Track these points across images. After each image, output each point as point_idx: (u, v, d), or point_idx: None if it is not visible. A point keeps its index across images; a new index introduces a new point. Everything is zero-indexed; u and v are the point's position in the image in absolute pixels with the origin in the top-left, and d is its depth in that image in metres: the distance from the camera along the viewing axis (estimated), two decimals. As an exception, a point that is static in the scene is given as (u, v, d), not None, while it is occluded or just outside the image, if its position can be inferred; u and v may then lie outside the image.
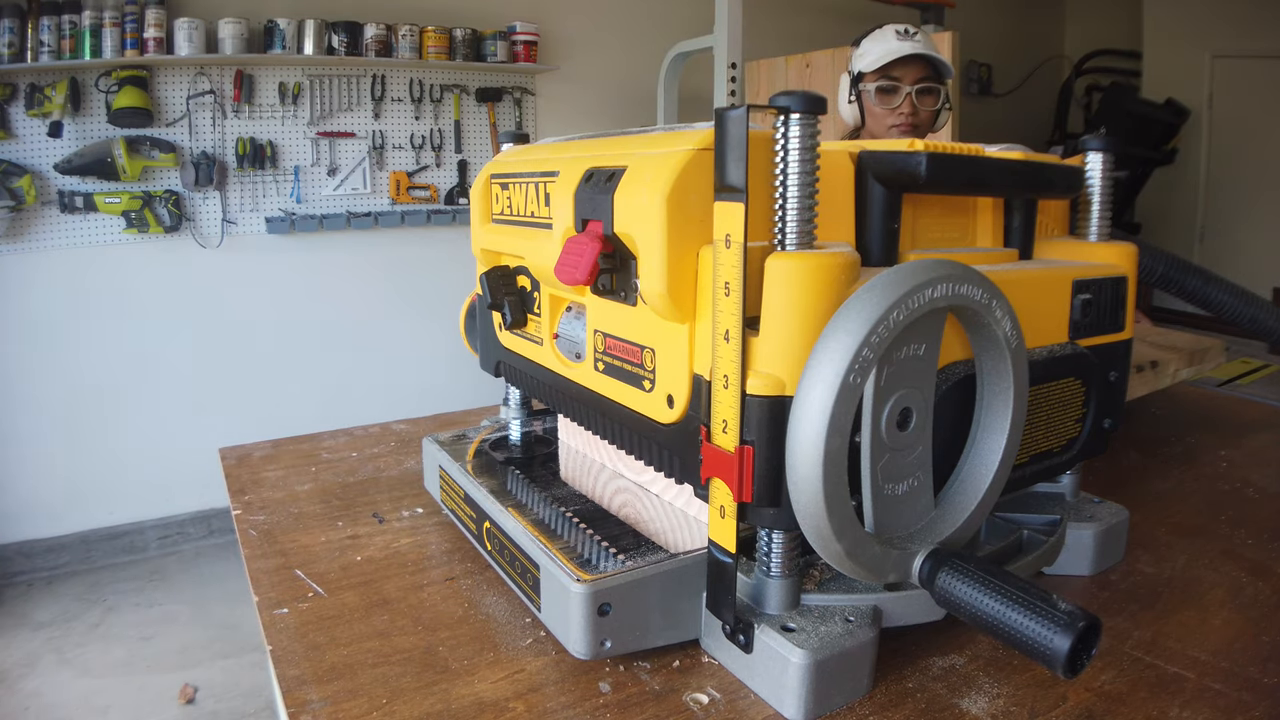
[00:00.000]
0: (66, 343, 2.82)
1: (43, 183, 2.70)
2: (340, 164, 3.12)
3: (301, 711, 0.49)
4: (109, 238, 2.82)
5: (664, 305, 0.49)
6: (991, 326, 0.49)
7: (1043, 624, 0.41)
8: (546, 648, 0.56)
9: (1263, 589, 0.64)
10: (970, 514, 0.51)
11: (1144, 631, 0.58)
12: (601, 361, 0.59)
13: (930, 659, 0.55)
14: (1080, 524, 0.65)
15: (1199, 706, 0.50)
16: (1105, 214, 0.66)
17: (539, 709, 0.50)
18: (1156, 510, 0.79)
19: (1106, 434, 0.65)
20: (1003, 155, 0.60)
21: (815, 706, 0.48)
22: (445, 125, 3.28)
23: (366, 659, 0.55)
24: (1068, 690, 0.51)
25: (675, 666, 0.54)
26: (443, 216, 3.27)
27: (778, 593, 0.51)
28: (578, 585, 0.51)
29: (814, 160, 0.45)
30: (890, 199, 0.54)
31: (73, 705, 2.11)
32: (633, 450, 0.59)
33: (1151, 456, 0.95)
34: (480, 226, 0.74)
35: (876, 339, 0.43)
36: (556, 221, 0.60)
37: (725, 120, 0.44)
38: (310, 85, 3.01)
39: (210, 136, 2.89)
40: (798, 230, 0.45)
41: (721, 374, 0.46)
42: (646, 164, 0.50)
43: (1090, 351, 0.62)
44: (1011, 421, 0.51)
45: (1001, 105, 5.00)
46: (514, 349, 0.73)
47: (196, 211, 2.94)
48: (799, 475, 0.44)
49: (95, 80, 2.69)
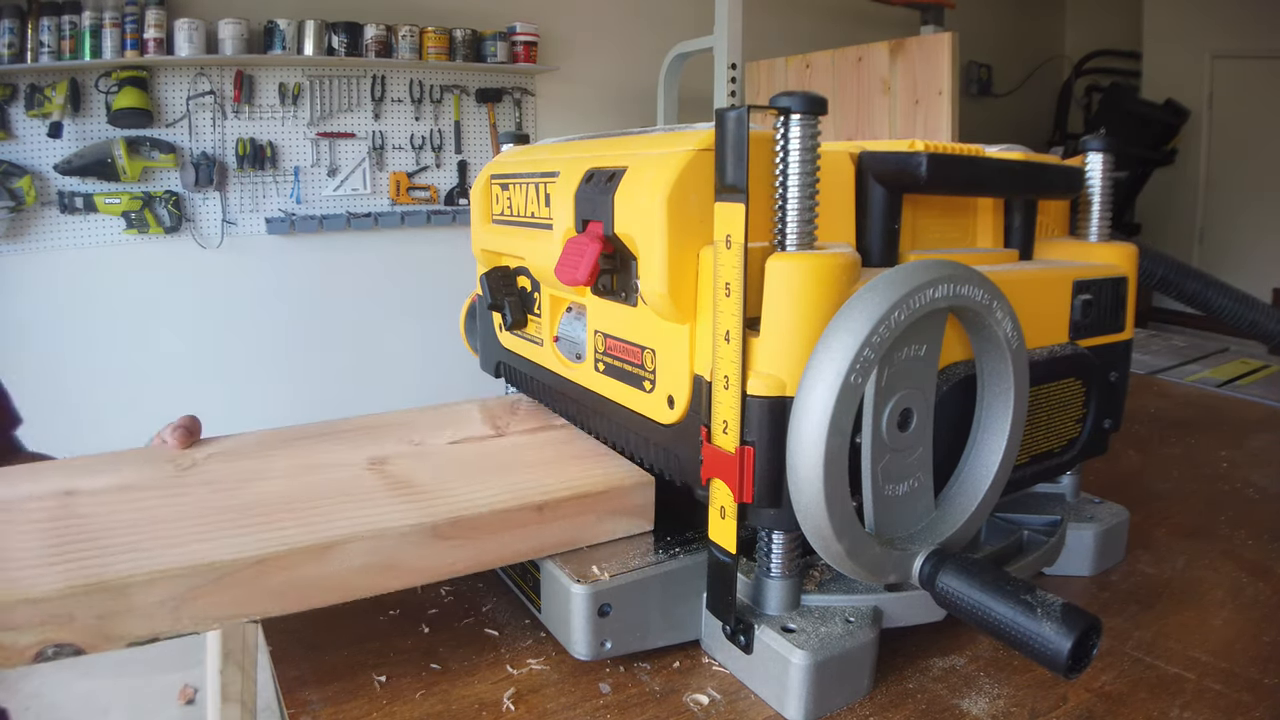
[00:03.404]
0: (66, 343, 2.82)
1: (43, 183, 2.69)
2: (340, 165, 3.12)
3: (301, 712, 0.49)
4: (109, 238, 2.82)
5: (664, 306, 0.49)
6: (992, 327, 0.49)
7: (1043, 625, 0.41)
8: (546, 648, 0.56)
9: (1263, 589, 0.64)
10: (971, 514, 0.51)
11: (1144, 632, 0.58)
12: (602, 362, 0.59)
13: (930, 659, 0.55)
14: (1080, 524, 0.65)
15: (1199, 707, 0.50)
16: (1105, 214, 0.66)
17: (539, 709, 0.50)
18: (1156, 510, 0.79)
19: (1107, 434, 0.65)
20: (1003, 155, 0.60)
21: (815, 707, 0.48)
22: (445, 126, 3.28)
23: (366, 659, 0.55)
24: (1068, 691, 0.51)
25: (675, 667, 0.54)
26: (443, 217, 3.27)
27: (778, 593, 0.51)
28: (578, 586, 0.51)
29: (814, 161, 0.45)
30: (891, 199, 0.54)
31: (73, 705, 2.11)
32: (633, 451, 0.59)
33: (1151, 456, 0.95)
34: (480, 227, 0.74)
35: (877, 339, 0.43)
36: (557, 222, 0.60)
37: (725, 121, 0.44)
38: (310, 86, 3.01)
39: (210, 137, 2.89)
40: (798, 231, 0.45)
41: (722, 374, 0.46)
42: (647, 164, 0.50)
43: (1090, 352, 0.62)
44: (1012, 422, 0.51)
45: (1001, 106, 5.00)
46: (514, 349, 0.73)
47: (196, 212, 2.94)
48: (800, 476, 0.44)
49: (95, 81, 2.69)
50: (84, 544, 0.48)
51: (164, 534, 0.49)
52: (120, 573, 0.45)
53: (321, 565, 0.48)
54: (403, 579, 0.51)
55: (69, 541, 0.49)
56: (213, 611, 0.46)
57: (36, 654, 0.43)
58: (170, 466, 0.60)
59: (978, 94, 4.85)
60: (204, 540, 0.48)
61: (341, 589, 0.49)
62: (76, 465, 0.60)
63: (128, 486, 0.57)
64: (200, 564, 0.46)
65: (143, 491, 0.56)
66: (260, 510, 0.53)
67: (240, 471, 0.60)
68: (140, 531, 0.50)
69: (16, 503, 0.54)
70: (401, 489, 0.56)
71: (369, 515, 0.52)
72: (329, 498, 0.55)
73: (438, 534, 0.51)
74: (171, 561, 0.46)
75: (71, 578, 0.44)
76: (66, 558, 0.47)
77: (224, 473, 0.59)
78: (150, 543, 0.48)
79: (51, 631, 0.43)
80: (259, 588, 0.47)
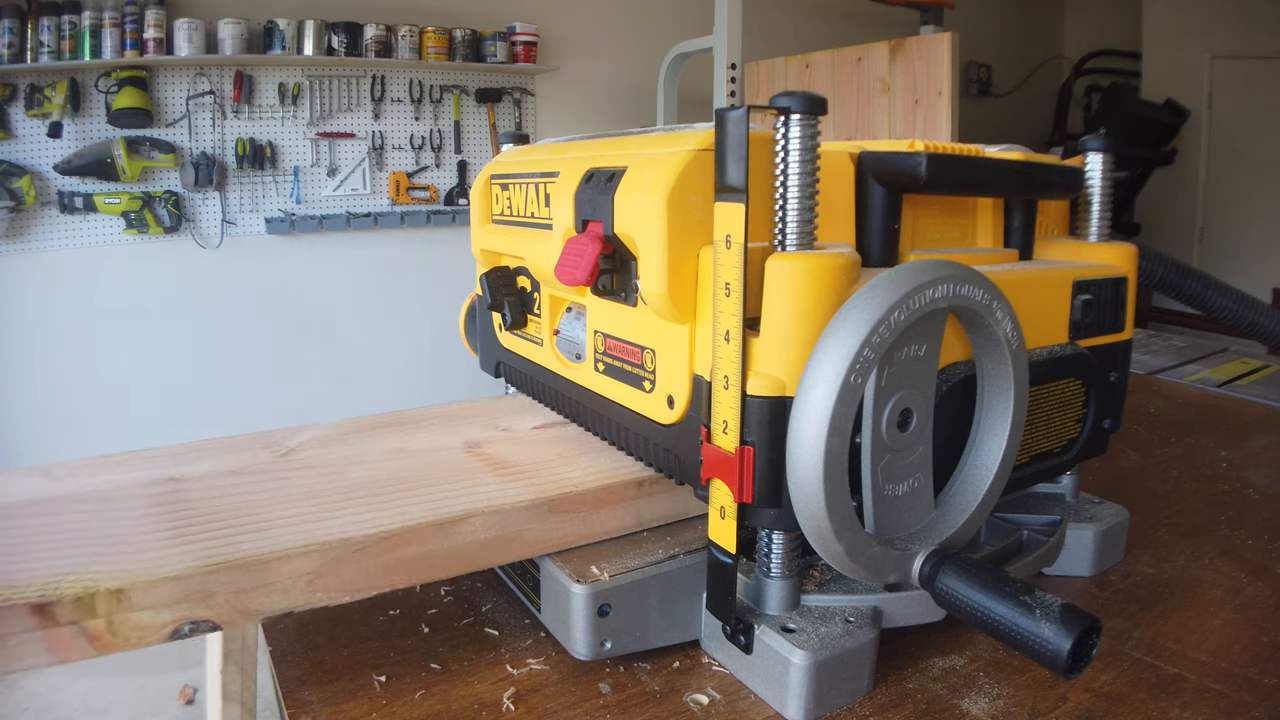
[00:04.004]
0: (66, 343, 2.82)
1: (42, 183, 2.70)
2: (340, 165, 3.13)
3: (301, 712, 0.49)
4: (109, 238, 2.82)
5: (664, 306, 0.49)
6: (992, 327, 0.49)
7: (1043, 625, 0.41)
8: (546, 648, 0.56)
9: (1262, 589, 0.64)
10: (970, 514, 0.51)
11: (1144, 632, 0.58)
12: (601, 362, 0.59)
13: (930, 659, 0.55)
14: (1080, 524, 0.65)
15: (1199, 707, 0.50)
16: (1105, 214, 0.66)
17: (539, 710, 0.50)
18: (1156, 510, 0.79)
19: (1106, 434, 0.65)
20: (1003, 156, 0.60)
21: (815, 707, 0.48)
22: (445, 126, 3.28)
23: (366, 659, 0.55)
24: (1068, 691, 0.51)
25: (675, 667, 0.54)
26: (442, 217, 3.27)
27: (778, 593, 0.51)
28: (578, 586, 0.51)
29: (814, 161, 0.45)
30: (890, 199, 0.54)
31: (72, 705, 2.11)
32: (633, 451, 0.59)
33: (1151, 456, 0.95)
34: (480, 227, 0.74)
35: (877, 339, 0.43)
36: (557, 222, 0.60)
37: (725, 121, 0.44)
38: (310, 86, 3.02)
39: (210, 137, 2.89)
40: (798, 231, 0.45)
41: (722, 374, 0.46)
42: (647, 165, 0.50)
43: (1090, 352, 0.62)
44: (1012, 422, 0.51)
45: (1001, 106, 5.00)
46: (514, 349, 0.73)
47: (196, 212, 2.94)
48: (799, 476, 0.44)
49: (95, 81, 2.69)
50: (208, 524, 0.50)
51: (287, 513, 0.52)
52: (258, 550, 0.47)
53: (447, 539, 0.51)
54: (520, 551, 0.54)
55: (191, 523, 0.51)
56: (345, 585, 0.49)
57: (173, 632, 0.45)
58: (267, 453, 0.63)
59: (977, 94, 4.85)
60: (330, 518, 0.51)
61: (464, 561, 0.52)
62: (173, 453, 0.62)
63: (232, 471, 0.59)
64: (335, 539, 0.48)
65: (249, 475, 0.58)
66: (369, 490, 0.55)
67: (339, 456, 0.62)
68: (263, 511, 0.52)
69: (124, 489, 0.56)
70: (504, 469, 0.59)
71: (483, 492, 0.55)
72: (438, 478, 0.58)
73: (550, 508, 0.54)
74: (307, 538, 0.48)
75: (208, 556, 0.46)
76: (194, 538, 0.48)
77: (323, 457, 0.62)
78: (277, 521, 0.51)
79: (189, 609, 0.45)
80: (388, 561, 0.50)
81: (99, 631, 0.43)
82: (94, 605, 0.43)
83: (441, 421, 0.71)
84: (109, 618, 0.43)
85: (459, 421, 0.71)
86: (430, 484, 0.57)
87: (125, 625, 0.44)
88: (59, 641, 0.43)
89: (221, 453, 0.62)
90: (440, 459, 0.62)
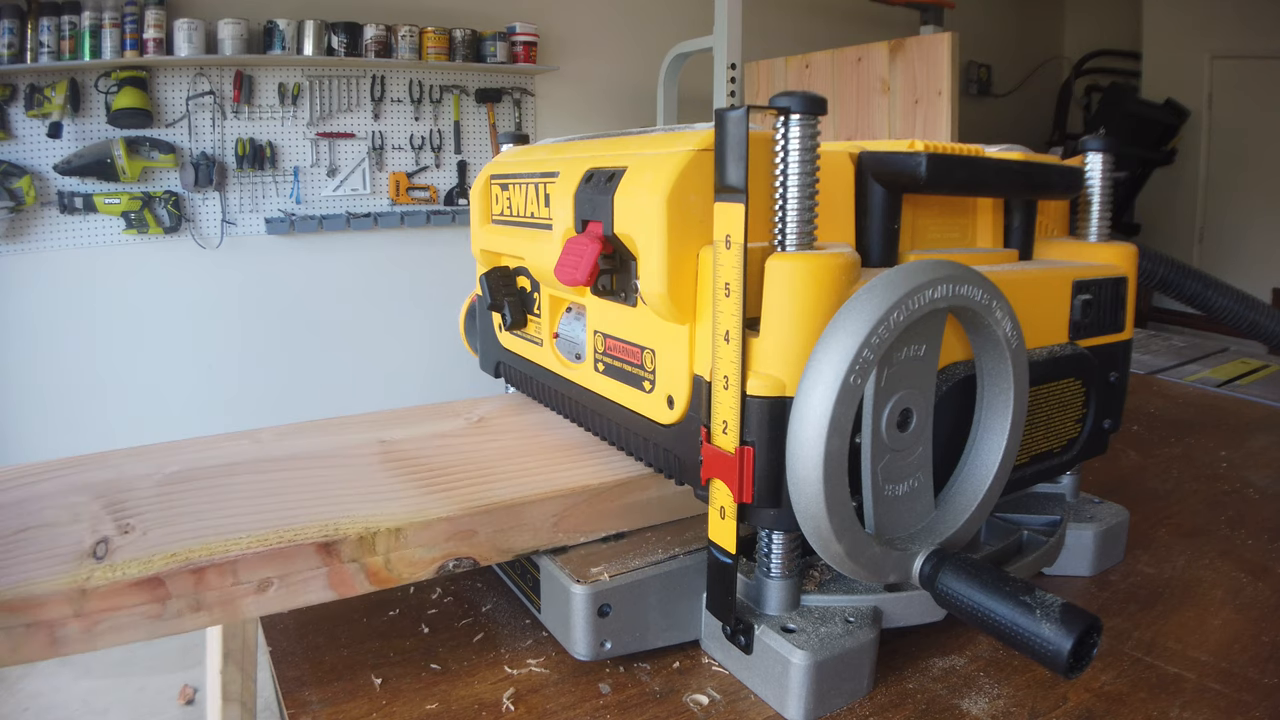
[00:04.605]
0: (66, 344, 2.82)
1: (42, 183, 2.70)
2: (340, 165, 3.13)
3: (301, 712, 0.49)
4: (109, 238, 2.82)
5: (664, 306, 0.49)
6: (992, 327, 0.49)
7: (1043, 625, 0.41)
8: (546, 648, 0.56)
9: (1262, 589, 0.64)
10: (970, 514, 0.51)
11: (1144, 632, 0.58)
12: (601, 362, 0.59)
13: (930, 659, 0.55)
14: (1080, 524, 0.65)
15: (1199, 707, 0.50)
16: (1105, 214, 0.66)
17: (539, 710, 0.50)
18: (1156, 510, 0.79)
19: (1106, 434, 0.65)
20: (1003, 156, 0.60)
21: (815, 707, 0.48)
22: (445, 126, 3.28)
23: (366, 659, 0.55)
24: (1068, 691, 0.51)
25: (675, 667, 0.54)
26: (442, 217, 3.27)
27: (778, 593, 0.51)
28: (578, 586, 0.51)
29: (814, 161, 0.45)
30: (890, 199, 0.54)
31: (72, 706, 2.11)
32: (633, 451, 0.59)
33: (1151, 456, 0.95)
34: (480, 227, 0.74)
35: (877, 340, 0.43)
36: (556, 222, 0.60)
37: (725, 121, 0.44)
38: (310, 86, 3.02)
39: (210, 137, 2.89)
40: (798, 231, 0.45)
41: (722, 375, 0.46)
42: (646, 165, 0.50)
43: (1090, 352, 0.62)
44: (1011, 422, 0.51)
45: (1001, 106, 5.00)
46: (514, 350, 0.73)
47: (196, 212, 2.94)
48: (799, 476, 0.44)
49: (95, 81, 2.69)
50: (450, 477, 0.56)
51: (515, 467, 0.58)
52: (512, 495, 0.53)
53: (660, 488, 0.57)
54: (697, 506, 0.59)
55: (434, 475, 0.56)
56: (580, 526, 0.55)
57: (439, 568, 0.51)
58: (461, 420, 0.68)
59: (977, 94, 4.85)
60: (557, 470, 0.57)
61: (664, 511, 0.58)
62: (369, 420, 0.67)
63: (439, 434, 0.64)
64: (578, 486, 0.55)
65: (457, 438, 0.64)
66: (573, 449, 0.61)
67: (527, 424, 0.68)
68: (496, 465, 0.58)
69: (344, 449, 0.61)
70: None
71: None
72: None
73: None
74: (549, 486, 0.54)
75: (470, 500, 0.52)
76: (442, 487, 0.54)
77: (514, 424, 0.67)
78: (515, 473, 0.56)
79: (455, 546, 0.51)
80: (613, 507, 0.56)
81: (376, 568, 0.48)
82: (374, 544, 0.48)
83: None
84: (386, 555, 0.48)
85: None
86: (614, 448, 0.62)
87: (400, 562, 0.49)
88: (341, 578, 0.47)
89: (422, 420, 0.68)
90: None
